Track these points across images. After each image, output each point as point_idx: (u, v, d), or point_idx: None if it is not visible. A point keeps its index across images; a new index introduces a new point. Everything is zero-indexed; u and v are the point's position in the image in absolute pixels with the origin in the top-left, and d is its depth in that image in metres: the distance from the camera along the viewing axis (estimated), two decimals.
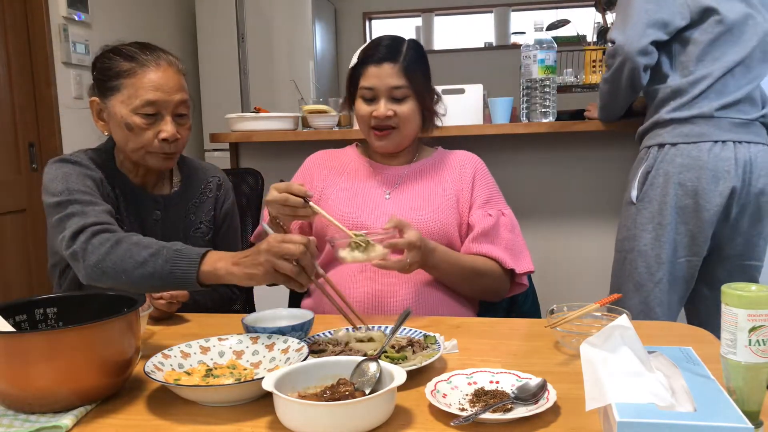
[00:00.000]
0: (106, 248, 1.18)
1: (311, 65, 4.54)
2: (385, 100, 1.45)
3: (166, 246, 1.17)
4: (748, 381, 0.75)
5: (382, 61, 1.44)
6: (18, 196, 3.04)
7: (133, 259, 1.16)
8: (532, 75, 2.18)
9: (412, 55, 1.46)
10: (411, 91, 1.45)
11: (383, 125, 1.46)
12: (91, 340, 0.86)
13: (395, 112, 1.45)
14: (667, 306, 1.83)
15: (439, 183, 1.52)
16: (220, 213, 1.55)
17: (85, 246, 1.20)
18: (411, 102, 1.46)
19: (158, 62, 1.34)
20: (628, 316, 0.91)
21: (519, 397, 0.85)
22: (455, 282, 1.43)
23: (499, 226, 1.46)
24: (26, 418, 0.86)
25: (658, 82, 1.86)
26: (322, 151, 1.64)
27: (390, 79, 1.43)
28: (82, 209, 1.26)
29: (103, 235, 1.21)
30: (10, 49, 2.99)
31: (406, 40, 1.50)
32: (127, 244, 1.18)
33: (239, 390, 0.88)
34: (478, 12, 5.70)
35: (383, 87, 1.44)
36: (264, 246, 1.08)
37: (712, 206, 1.75)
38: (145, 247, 1.17)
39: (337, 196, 1.51)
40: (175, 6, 4.51)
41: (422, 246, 1.30)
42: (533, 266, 1.48)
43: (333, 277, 1.46)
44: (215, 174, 1.57)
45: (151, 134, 1.33)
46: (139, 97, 1.31)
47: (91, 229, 1.21)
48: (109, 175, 1.40)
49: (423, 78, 1.48)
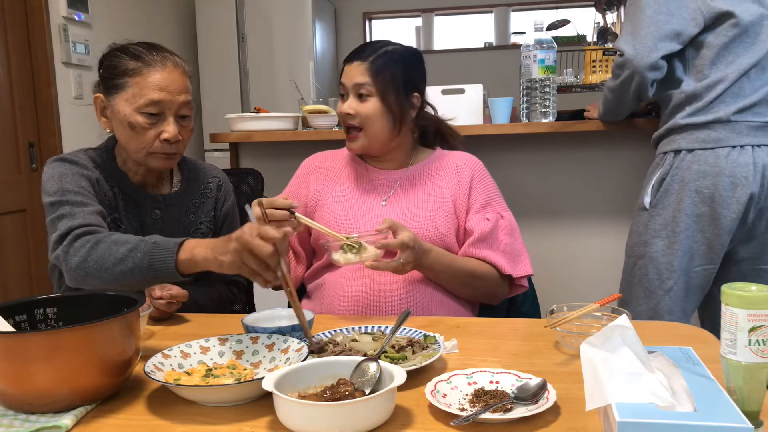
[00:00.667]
0: (86, 249, 1.20)
1: (311, 65, 4.54)
2: (352, 97, 1.46)
3: (144, 240, 1.18)
4: (748, 381, 0.75)
5: (353, 59, 1.47)
6: (18, 196, 3.04)
7: (112, 256, 1.17)
8: (532, 75, 2.18)
9: (390, 57, 1.45)
10: (374, 89, 1.44)
11: (349, 124, 1.47)
12: (91, 340, 0.86)
13: (356, 110, 1.45)
14: (679, 314, 1.81)
15: (436, 188, 1.51)
16: (220, 214, 1.55)
17: (67, 250, 1.22)
18: (374, 100, 1.44)
19: (164, 63, 1.35)
20: (628, 316, 0.91)
21: (519, 397, 0.85)
22: (451, 284, 1.43)
23: (498, 229, 1.45)
24: (26, 418, 0.86)
25: (672, 87, 1.83)
26: (318, 154, 1.63)
27: (356, 76, 1.44)
28: (72, 211, 1.27)
29: (84, 237, 1.22)
30: (10, 49, 2.99)
31: (394, 45, 1.49)
32: (106, 243, 1.20)
33: (239, 390, 0.88)
34: (478, 12, 5.70)
35: (350, 84, 1.46)
36: (236, 234, 1.07)
37: (729, 213, 1.72)
38: (124, 243, 1.18)
39: (334, 203, 1.50)
40: (175, 6, 4.51)
41: (416, 247, 1.30)
42: (532, 269, 1.48)
43: (332, 278, 1.46)
44: (216, 175, 1.57)
45: (153, 134, 1.34)
46: (143, 96, 1.32)
47: (74, 232, 1.23)
48: (108, 174, 1.40)
49: (392, 78, 1.45)
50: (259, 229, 1.05)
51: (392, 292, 1.40)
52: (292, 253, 1.53)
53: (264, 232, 1.04)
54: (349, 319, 1.31)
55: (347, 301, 1.41)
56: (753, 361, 0.74)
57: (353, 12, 5.69)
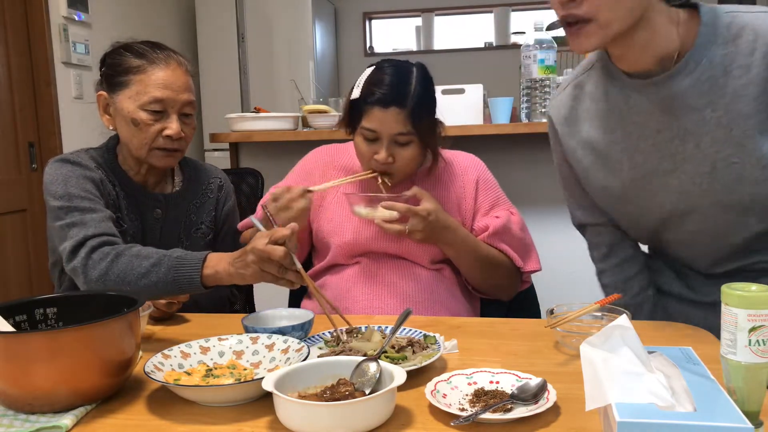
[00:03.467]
0: (107, 263, 1.20)
1: (311, 65, 4.54)
2: (387, 144, 1.37)
3: (166, 254, 1.19)
4: (748, 381, 0.75)
5: (388, 104, 1.33)
6: (18, 196, 3.04)
7: (135, 271, 1.18)
8: (532, 75, 2.18)
9: (420, 94, 1.36)
10: (416, 137, 1.37)
11: (385, 171, 1.41)
12: (91, 340, 0.86)
13: (396, 157, 1.38)
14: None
15: (441, 190, 1.50)
16: (221, 214, 1.55)
17: (85, 262, 1.21)
18: (414, 146, 1.38)
19: (168, 61, 1.36)
20: (628, 316, 0.91)
21: (519, 397, 0.85)
22: (470, 266, 1.43)
23: (510, 224, 1.46)
24: (26, 418, 0.86)
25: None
26: (324, 147, 1.60)
27: (395, 125, 1.34)
28: (82, 218, 1.27)
29: (103, 249, 1.22)
30: (10, 49, 2.99)
31: (414, 72, 1.39)
32: (127, 256, 1.20)
33: (239, 390, 0.88)
34: (478, 12, 5.70)
35: (387, 132, 1.36)
36: (249, 247, 1.11)
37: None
38: (146, 258, 1.19)
39: (338, 205, 1.50)
40: (175, 6, 4.51)
41: (431, 218, 1.31)
42: (540, 265, 1.50)
43: (333, 279, 1.47)
44: (217, 175, 1.58)
45: (156, 130, 1.34)
46: (147, 93, 1.32)
47: (90, 242, 1.23)
48: (110, 173, 1.40)
49: (429, 118, 1.40)
50: (270, 235, 1.09)
51: (393, 292, 1.40)
52: None
53: (274, 237, 1.08)
54: (350, 320, 1.31)
55: (348, 302, 1.41)
56: (753, 361, 0.74)
57: (353, 12, 5.69)
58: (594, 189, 1.29)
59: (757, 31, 1.07)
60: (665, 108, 1.15)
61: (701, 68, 1.10)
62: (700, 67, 1.10)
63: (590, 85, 1.26)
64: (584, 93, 1.27)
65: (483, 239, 1.45)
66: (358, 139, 1.42)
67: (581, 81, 1.28)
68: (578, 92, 1.28)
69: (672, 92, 1.13)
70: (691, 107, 1.13)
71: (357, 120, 1.39)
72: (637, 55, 1.13)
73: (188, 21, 4.64)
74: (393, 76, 1.37)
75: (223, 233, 1.56)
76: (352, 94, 1.41)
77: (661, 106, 1.15)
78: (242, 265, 1.12)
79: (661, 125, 1.16)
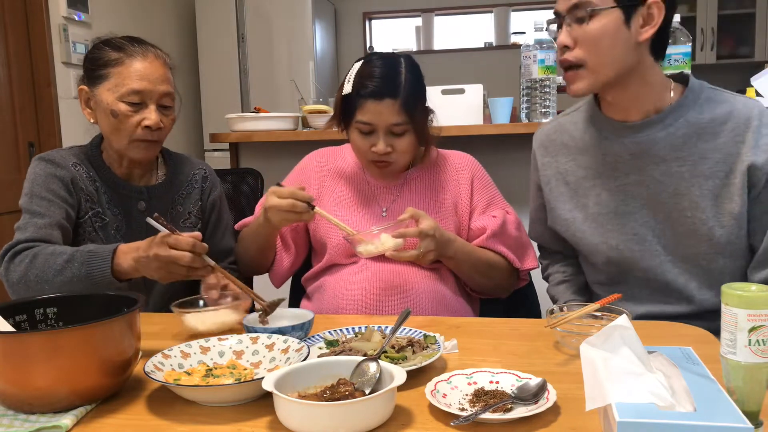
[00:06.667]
0: (25, 264, 1.26)
1: (311, 65, 4.54)
2: (383, 135, 1.39)
3: (79, 249, 1.25)
4: (748, 381, 0.75)
5: (382, 96, 1.36)
6: (18, 195, 3.02)
7: (51, 269, 1.24)
8: (532, 75, 2.18)
9: (411, 83, 1.39)
10: (410, 126, 1.40)
11: (383, 161, 1.43)
12: (91, 340, 0.86)
13: (394, 147, 1.41)
14: None
15: (436, 191, 1.51)
16: (207, 203, 1.56)
17: (7, 266, 1.28)
18: (410, 135, 1.41)
19: (145, 54, 1.39)
20: (628, 316, 0.91)
21: (519, 397, 0.85)
22: (470, 273, 1.45)
23: (507, 224, 1.47)
24: (26, 418, 0.86)
25: None
26: (320, 150, 1.62)
27: (390, 116, 1.37)
28: (26, 222, 1.35)
29: (22, 253, 1.28)
30: (10, 49, 2.99)
31: (402, 63, 1.41)
32: (43, 255, 1.26)
33: (239, 390, 0.88)
34: (478, 12, 5.71)
35: (382, 123, 1.38)
36: (153, 253, 1.16)
37: None
38: (60, 255, 1.25)
39: (334, 206, 1.50)
40: (175, 6, 4.51)
41: (437, 235, 1.32)
42: (537, 262, 1.51)
43: (332, 279, 1.47)
44: (201, 167, 1.59)
45: (135, 121, 1.37)
46: (125, 85, 1.35)
47: (14, 249, 1.29)
48: (91, 168, 1.43)
49: (421, 107, 1.43)
50: (168, 241, 1.14)
51: (393, 292, 1.41)
52: (281, 241, 1.52)
53: (175, 243, 1.14)
54: (350, 319, 1.31)
55: (348, 303, 1.41)
56: (753, 361, 0.74)
57: (353, 12, 5.70)
58: (559, 220, 1.42)
59: (732, 109, 1.24)
60: (637, 154, 1.28)
61: (678, 125, 1.25)
62: (677, 124, 1.25)
63: (573, 123, 1.41)
64: (566, 129, 1.42)
65: (481, 241, 1.46)
66: (353, 134, 1.43)
67: (566, 118, 1.43)
68: (561, 127, 1.43)
69: (646, 140, 1.27)
70: (660, 158, 1.27)
71: (351, 115, 1.41)
72: (627, 105, 1.28)
73: (188, 21, 4.64)
74: (383, 68, 1.39)
75: (212, 224, 1.57)
76: (343, 89, 1.42)
77: (633, 152, 1.29)
78: (147, 271, 1.19)
79: (629, 169, 1.30)
